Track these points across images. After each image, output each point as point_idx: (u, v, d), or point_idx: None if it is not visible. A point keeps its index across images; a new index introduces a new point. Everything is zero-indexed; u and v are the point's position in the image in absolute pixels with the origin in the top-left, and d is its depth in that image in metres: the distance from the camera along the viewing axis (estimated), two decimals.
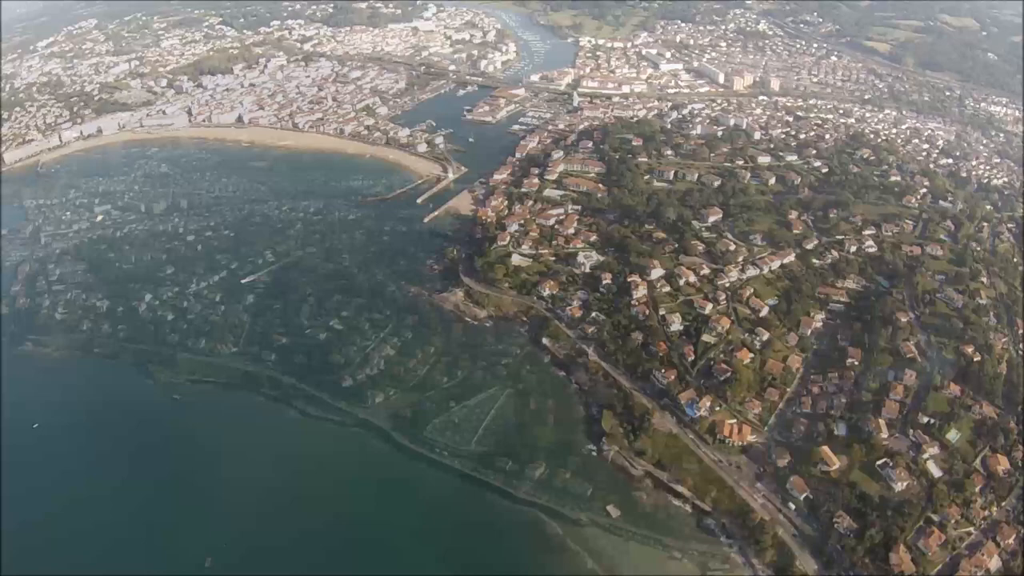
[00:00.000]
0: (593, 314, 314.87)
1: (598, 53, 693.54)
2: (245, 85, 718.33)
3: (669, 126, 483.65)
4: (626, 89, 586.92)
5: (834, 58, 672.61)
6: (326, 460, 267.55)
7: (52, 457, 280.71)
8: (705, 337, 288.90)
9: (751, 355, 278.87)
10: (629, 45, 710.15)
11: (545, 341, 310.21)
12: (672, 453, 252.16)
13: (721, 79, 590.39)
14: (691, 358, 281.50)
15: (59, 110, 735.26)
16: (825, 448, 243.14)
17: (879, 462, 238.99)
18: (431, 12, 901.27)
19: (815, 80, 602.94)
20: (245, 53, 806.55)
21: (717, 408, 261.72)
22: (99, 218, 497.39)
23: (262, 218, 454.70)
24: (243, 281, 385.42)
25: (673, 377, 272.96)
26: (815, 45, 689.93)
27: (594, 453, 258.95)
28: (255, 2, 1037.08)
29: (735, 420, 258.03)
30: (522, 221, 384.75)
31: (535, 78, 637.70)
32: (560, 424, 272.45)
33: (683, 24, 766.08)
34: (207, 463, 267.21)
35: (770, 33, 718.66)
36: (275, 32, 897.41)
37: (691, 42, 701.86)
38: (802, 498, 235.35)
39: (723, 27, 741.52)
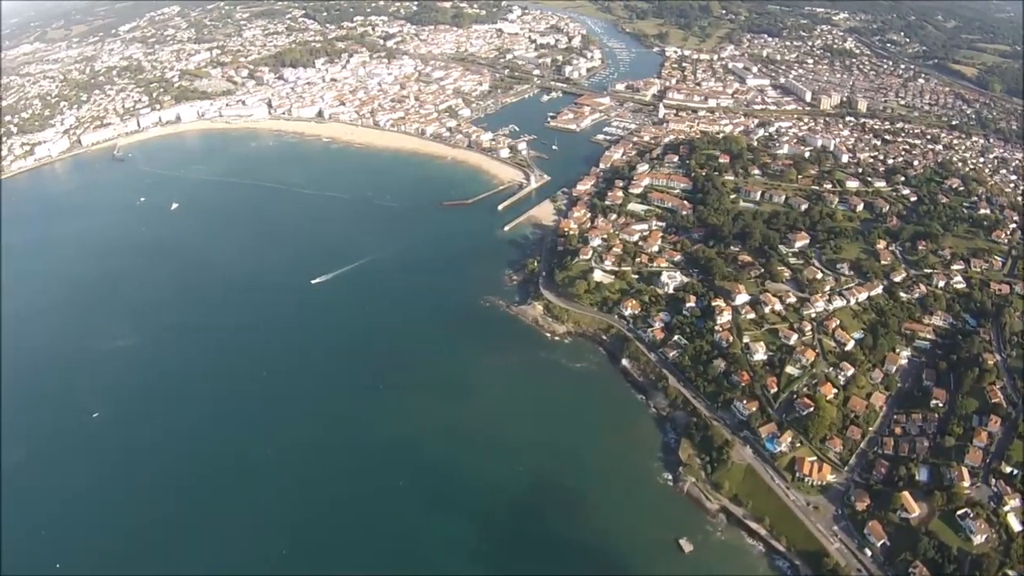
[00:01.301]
0: (675, 337, 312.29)
1: (684, 64, 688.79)
2: (326, 79, 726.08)
3: (756, 144, 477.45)
4: (712, 103, 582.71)
5: (921, 80, 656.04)
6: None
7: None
8: (789, 369, 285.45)
9: (834, 390, 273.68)
10: (715, 57, 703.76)
11: (624, 362, 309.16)
12: (749, 488, 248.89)
13: (808, 97, 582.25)
14: (773, 390, 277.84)
15: (138, 95, 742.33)
16: (905, 494, 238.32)
17: (959, 512, 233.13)
18: (516, 14, 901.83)
19: (902, 102, 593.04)
20: (327, 47, 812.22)
21: (798, 444, 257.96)
22: (174, 207, 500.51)
23: (337, 218, 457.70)
24: (313, 282, 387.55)
25: (755, 409, 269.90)
26: (902, 66, 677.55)
27: (670, 483, 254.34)
28: None
29: (815, 458, 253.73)
30: (605, 235, 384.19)
31: (620, 87, 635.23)
32: (636, 450, 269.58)
33: (770, 39, 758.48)
34: None
35: (857, 51, 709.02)
36: (358, 27, 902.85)
37: (778, 57, 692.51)
38: (879, 545, 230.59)
39: (810, 43, 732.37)
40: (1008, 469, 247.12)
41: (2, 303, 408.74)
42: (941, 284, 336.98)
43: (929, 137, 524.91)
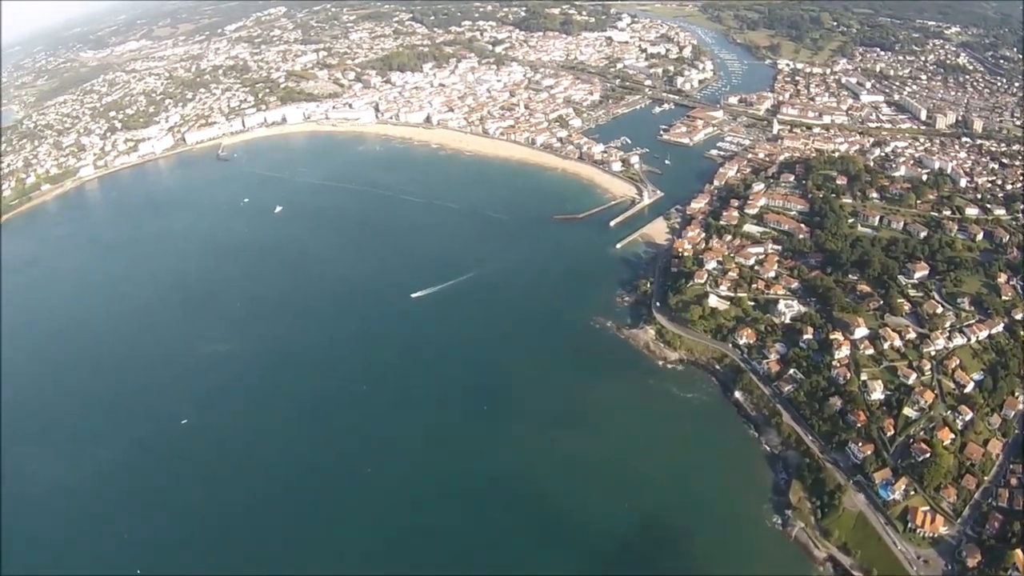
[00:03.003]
0: (791, 371, 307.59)
1: (797, 78, 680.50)
2: (434, 84, 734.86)
3: (872, 164, 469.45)
4: (827, 119, 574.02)
5: None
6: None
7: None
8: (907, 410, 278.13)
9: (951, 435, 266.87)
10: (828, 72, 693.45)
11: (738, 394, 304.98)
12: (859, 537, 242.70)
13: (923, 115, 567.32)
14: (890, 432, 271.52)
15: (244, 95, 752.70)
16: (1019, 552, 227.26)
17: None
18: (625, 22, 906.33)
19: (1018, 123, 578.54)
20: (435, 52, 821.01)
21: (912, 492, 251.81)
22: (277, 210, 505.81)
23: (444, 228, 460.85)
24: (413, 296, 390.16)
25: (870, 452, 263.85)
26: (1016, 84, 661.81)
27: (779, 526, 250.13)
28: (447, 1, 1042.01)
29: (929, 508, 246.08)
30: (720, 258, 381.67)
31: (733, 100, 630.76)
32: (746, 490, 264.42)
33: (882, 52, 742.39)
34: None
35: (970, 67, 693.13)
36: (466, 32, 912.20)
37: (891, 72, 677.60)
38: None
39: (922, 58, 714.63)
40: None
41: (102, 300, 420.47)
42: None
43: None
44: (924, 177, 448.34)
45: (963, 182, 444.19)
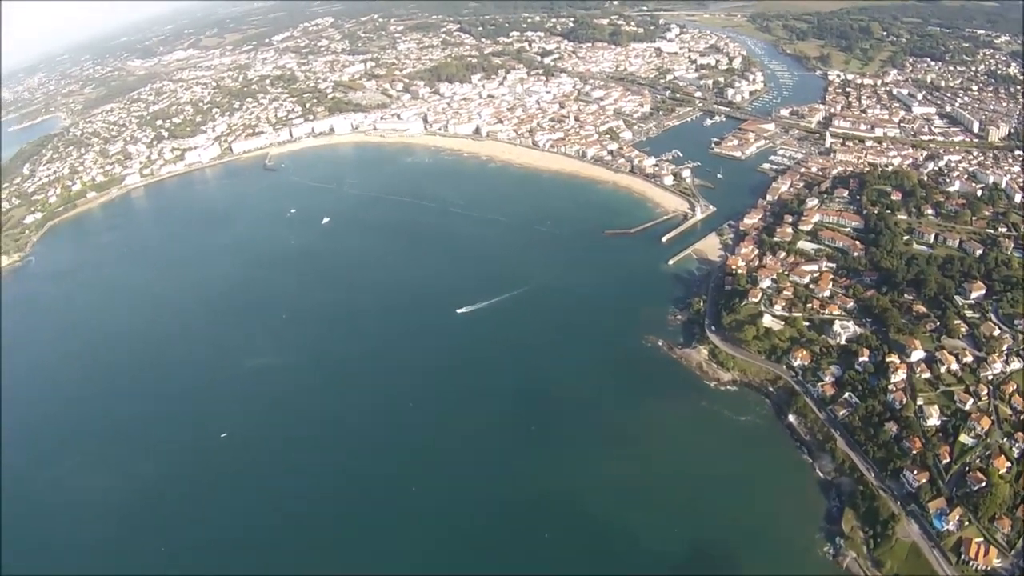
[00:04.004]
0: (846, 394, 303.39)
1: (848, 89, 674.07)
2: (483, 96, 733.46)
3: (926, 179, 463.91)
4: (879, 132, 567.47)
5: None
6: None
7: None
8: (963, 437, 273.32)
9: (1008, 464, 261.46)
10: (879, 83, 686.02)
11: (791, 418, 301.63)
12: (911, 569, 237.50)
13: (976, 128, 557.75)
14: (945, 460, 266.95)
15: (291, 105, 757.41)
16: None
17: None
18: (674, 33, 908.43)
19: None
20: (484, 62, 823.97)
21: (966, 523, 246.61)
22: (325, 221, 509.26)
23: (493, 242, 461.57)
24: (459, 311, 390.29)
25: (924, 480, 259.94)
26: None
27: (830, 556, 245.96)
28: (494, 11, 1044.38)
29: (983, 539, 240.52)
30: (775, 276, 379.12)
31: (784, 112, 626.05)
32: (798, 517, 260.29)
33: (932, 62, 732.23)
34: None
35: (1021, 78, 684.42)
36: (514, 43, 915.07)
37: (942, 83, 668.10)
38: None
39: (973, 68, 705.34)
40: None
41: (147, 309, 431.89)
42: None
43: None
44: (979, 192, 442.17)
45: (1018, 197, 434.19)
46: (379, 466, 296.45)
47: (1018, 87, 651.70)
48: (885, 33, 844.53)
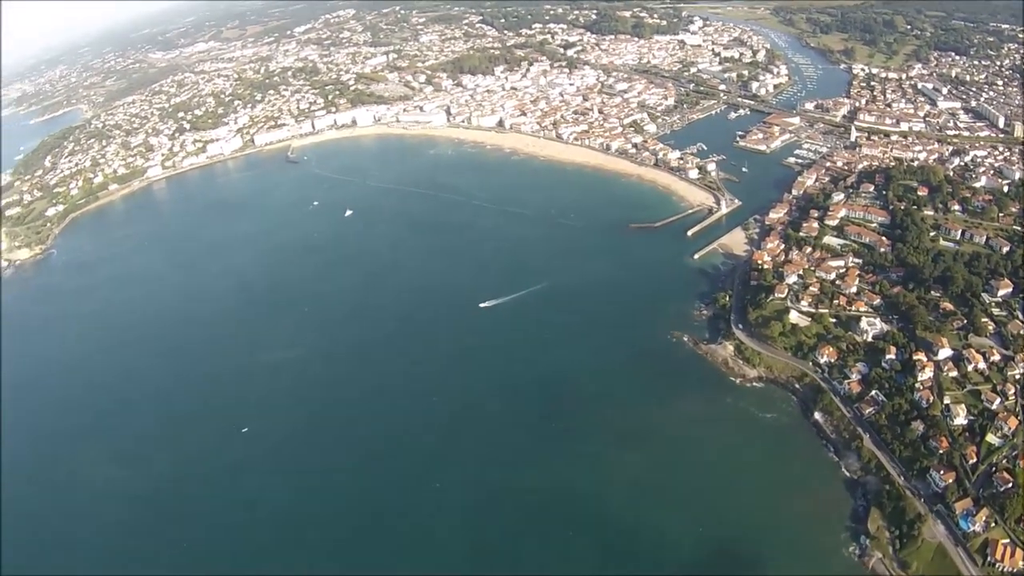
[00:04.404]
0: (873, 392, 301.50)
1: (872, 83, 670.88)
2: (506, 88, 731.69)
3: (952, 174, 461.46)
4: (904, 127, 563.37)
5: None
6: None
7: None
8: (990, 437, 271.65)
9: None
10: (904, 76, 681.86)
11: (817, 416, 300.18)
12: (937, 570, 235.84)
13: (1001, 123, 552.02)
14: (972, 460, 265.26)
15: (313, 97, 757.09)
16: None
17: None
18: (697, 25, 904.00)
19: None
20: (506, 54, 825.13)
21: (992, 524, 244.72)
22: (348, 213, 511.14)
23: (516, 236, 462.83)
24: (481, 306, 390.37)
25: (951, 480, 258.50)
26: None
27: (856, 556, 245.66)
28: (516, 2, 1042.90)
29: (1009, 540, 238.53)
30: (801, 271, 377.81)
31: (809, 106, 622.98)
32: (823, 516, 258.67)
33: (957, 57, 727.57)
34: None
35: None
36: (537, 35, 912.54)
37: (967, 78, 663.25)
38: None
39: (998, 63, 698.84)
40: None
41: (168, 302, 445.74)
42: None
43: None
44: (1005, 188, 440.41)
45: None
46: (402, 462, 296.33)
47: None
48: (909, 27, 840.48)
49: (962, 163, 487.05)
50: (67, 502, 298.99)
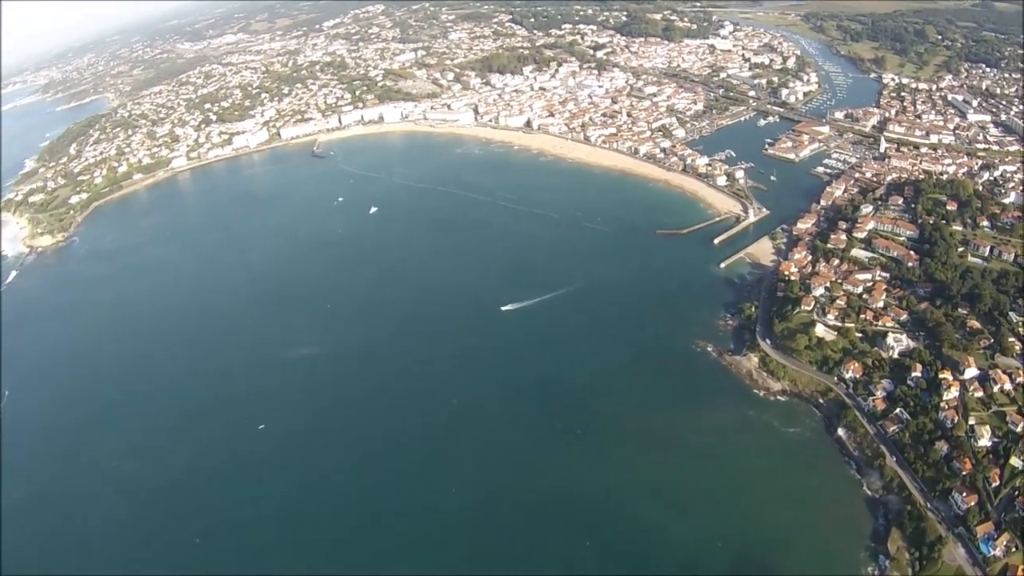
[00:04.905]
0: (897, 410, 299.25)
1: (903, 94, 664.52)
2: (534, 88, 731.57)
3: (981, 188, 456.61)
4: (934, 139, 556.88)
5: None
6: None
7: None
8: (1014, 460, 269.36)
9: None
10: (934, 88, 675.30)
11: (840, 432, 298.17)
12: None
13: None
14: (995, 483, 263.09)
15: (341, 91, 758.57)
16: None
17: None
18: (728, 30, 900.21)
19: None
20: (535, 54, 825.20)
21: (1013, 549, 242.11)
22: (372, 210, 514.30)
23: (542, 238, 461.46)
24: (503, 309, 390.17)
25: (973, 503, 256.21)
26: None
27: None
28: (546, 2, 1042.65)
29: None
30: (828, 284, 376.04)
31: (839, 115, 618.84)
32: (844, 535, 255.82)
33: (988, 69, 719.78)
34: None
35: None
36: (566, 36, 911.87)
37: (997, 91, 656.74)
38: None
39: None
40: None
41: (188, 295, 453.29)
42: None
43: None
44: None
45: None
46: (420, 466, 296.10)
47: None
48: (940, 37, 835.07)
49: (991, 178, 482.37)
50: (72, 494, 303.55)
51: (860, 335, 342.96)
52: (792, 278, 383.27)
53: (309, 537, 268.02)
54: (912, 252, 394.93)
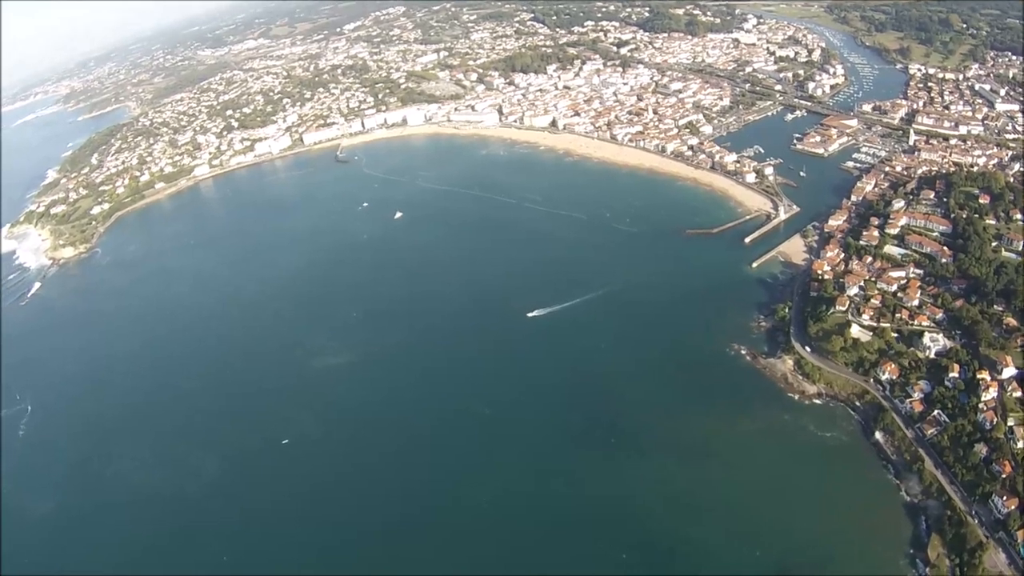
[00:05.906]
0: (935, 412, 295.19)
1: (930, 84, 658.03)
2: (559, 87, 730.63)
3: (1012, 180, 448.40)
4: (963, 130, 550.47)
5: None
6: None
7: None
8: None
9: None
10: (961, 77, 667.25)
11: (878, 436, 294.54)
12: None
13: None
14: None
15: (363, 95, 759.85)
16: None
17: None
18: (751, 23, 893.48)
19: None
20: (559, 53, 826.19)
21: None
22: (397, 216, 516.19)
23: (569, 240, 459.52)
24: (529, 315, 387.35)
25: (1014, 507, 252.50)
26: None
27: None
28: (568, 0, 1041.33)
29: None
30: (862, 283, 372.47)
31: (866, 107, 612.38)
32: (883, 542, 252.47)
33: (1014, 57, 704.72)
34: None
35: None
36: (589, 33, 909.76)
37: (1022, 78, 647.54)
38: None
39: None
40: None
41: (214, 304, 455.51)
42: None
43: None
44: None
45: None
46: (448, 477, 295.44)
47: None
48: (965, 25, 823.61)
49: (1022, 169, 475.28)
50: (98, 509, 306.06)
51: (896, 335, 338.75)
52: (825, 277, 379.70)
53: (341, 557, 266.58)
54: (945, 248, 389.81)
